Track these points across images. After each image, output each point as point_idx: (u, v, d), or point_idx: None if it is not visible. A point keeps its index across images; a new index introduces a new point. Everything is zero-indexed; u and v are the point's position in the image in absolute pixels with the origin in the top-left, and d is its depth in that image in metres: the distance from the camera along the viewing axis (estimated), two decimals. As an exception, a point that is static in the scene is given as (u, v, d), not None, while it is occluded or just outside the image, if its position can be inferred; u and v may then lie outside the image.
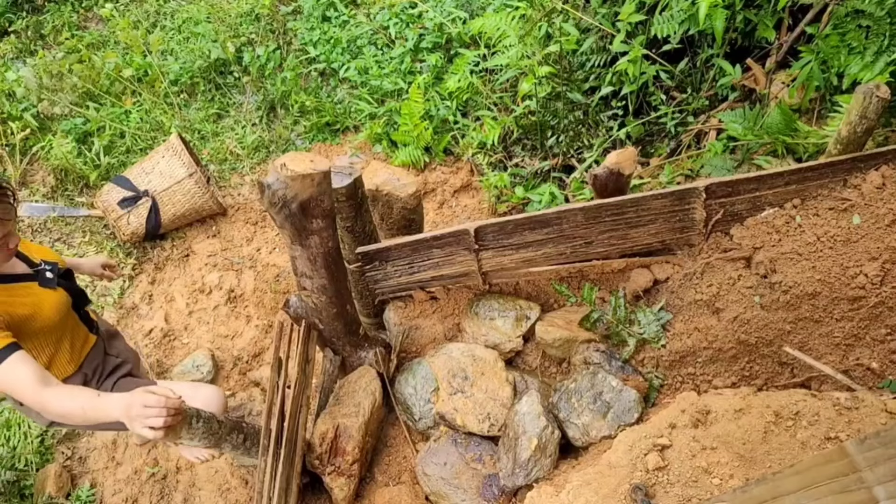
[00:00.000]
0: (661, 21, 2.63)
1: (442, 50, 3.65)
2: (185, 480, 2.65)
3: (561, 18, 2.97)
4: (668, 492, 1.59)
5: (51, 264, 1.96)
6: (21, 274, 1.87)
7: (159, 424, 1.48)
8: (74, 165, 3.58)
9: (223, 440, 1.91)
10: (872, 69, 2.18)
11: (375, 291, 2.40)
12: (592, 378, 2.13)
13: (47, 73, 3.90)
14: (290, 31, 4.08)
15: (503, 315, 2.40)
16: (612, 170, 2.07)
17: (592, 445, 2.08)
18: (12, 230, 1.75)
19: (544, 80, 2.99)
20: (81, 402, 1.61)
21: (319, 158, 1.76)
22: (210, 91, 3.99)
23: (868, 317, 1.99)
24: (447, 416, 2.26)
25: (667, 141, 2.90)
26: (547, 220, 2.13)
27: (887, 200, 1.93)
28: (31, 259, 1.94)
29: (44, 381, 1.65)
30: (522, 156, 3.19)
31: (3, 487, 2.62)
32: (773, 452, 1.63)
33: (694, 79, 2.81)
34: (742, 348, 2.12)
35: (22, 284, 1.85)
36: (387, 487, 2.31)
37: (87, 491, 2.66)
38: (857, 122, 1.89)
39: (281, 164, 1.69)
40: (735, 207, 2.11)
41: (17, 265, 1.89)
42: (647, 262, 2.26)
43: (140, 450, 2.76)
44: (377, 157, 3.55)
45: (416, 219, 2.46)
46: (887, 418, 1.64)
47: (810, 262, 1.99)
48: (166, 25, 4.32)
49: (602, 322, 2.25)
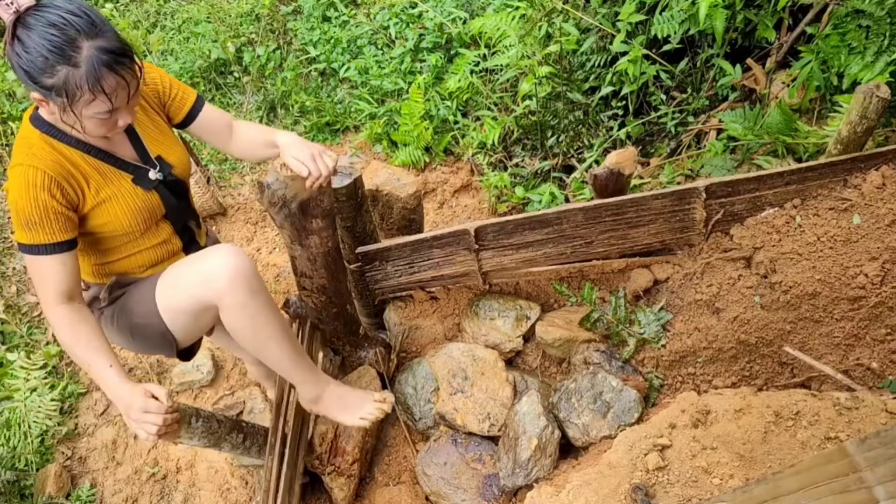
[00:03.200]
0: (661, 21, 2.63)
1: (442, 50, 3.65)
2: (185, 480, 2.65)
3: (561, 18, 2.97)
4: (668, 492, 1.59)
5: (165, 166, 1.69)
6: (120, 160, 1.62)
7: (153, 431, 1.50)
8: (74, 165, 3.58)
9: (223, 439, 1.92)
10: (872, 69, 2.18)
11: (375, 291, 2.40)
12: (592, 378, 2.13)
13: (47, 73, 3.90)
14: (290, 31, 4.08)
15: (503, 315, 2.40)
16: (612, 170, 2.07)
17: (592, 445, 2.08)
18: (124, 106, 1.48)
19: (544, 80, 2.99)
20: (81, 355, 1.51)
21: (319, 158, 1.76)
22: (210, 91, 3.99)
23: (868, 317, 1.99)
24: (447, 415, 2.26)
25: (667, 141, 2.90)
26: (547, 220, 2.13)
27: (887, 200, 1.93)
28: (147, 151, 1.68)
29: (60, 298, 1.50)
30: (522, 156, 3.19)
31: (3, 487, 2.62)
32: (773, 452, 1.63)
33: (694, 79, 2.81)
34: (742, 348, 2.12)
35: (114, 170, 1.60)
36: (387, 487, 2.31)
37: (87, 491, 2.66)
38: (857, 122, 1.89)
39: (281, 164, 1.69)
40: (735, 207, 2.11)
41: (125, 148, 1.65)
42: (648, 262, 2.26)
43: (140, 450, 2.77)
44: (377, 157, 3.55)
45: (416, 219, 2.46)
46: (887, 418, 1.64)
47: (810, 262, 1.99)
48: (166, 25, 4.32)
49: (602, 322, 2.25)
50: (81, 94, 1.38)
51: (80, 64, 1.35)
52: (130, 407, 1.49)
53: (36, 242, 1.47)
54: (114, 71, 1.39)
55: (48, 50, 1.34)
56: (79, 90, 1.37)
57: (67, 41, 1.34)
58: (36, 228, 1.46)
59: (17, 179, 1.46)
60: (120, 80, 1.41)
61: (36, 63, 1.35)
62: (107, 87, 1.39)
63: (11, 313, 3.12)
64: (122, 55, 1.40)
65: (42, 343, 3.05)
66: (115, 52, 1.39)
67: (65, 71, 1.35)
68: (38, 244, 1.47)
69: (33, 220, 1.45)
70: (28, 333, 3.08)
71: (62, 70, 1.35)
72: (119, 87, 1.42)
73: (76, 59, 1.35)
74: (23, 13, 1.37)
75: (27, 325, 3.11)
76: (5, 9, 1.39)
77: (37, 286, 1.52)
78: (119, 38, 1.42)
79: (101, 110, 1.43)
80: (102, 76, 1.37)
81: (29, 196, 1.45)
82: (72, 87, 1.37)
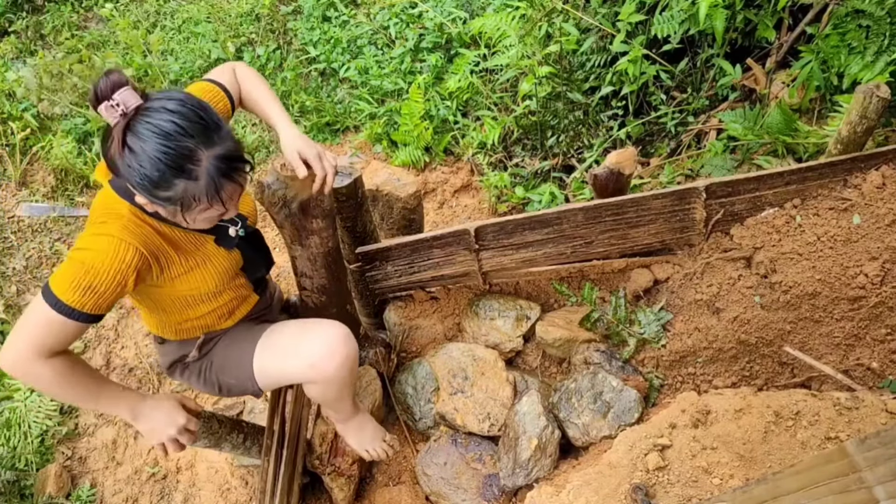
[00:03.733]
0: (661, 21, 2.63)
1: (442, 50, 3.65)
2: (185, 480, 2.65)
3: (561, 18, 2.97)
4: (668, 492, 1.59)
5: (241, 219, 1.65)
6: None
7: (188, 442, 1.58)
8: (74, 165, 3.58)
9: (223, 440, 1.92)
10: (872, 69, 2.18)
11: (375, 291, 2.40)
12: (593, 378, 2.13)
13: (47, 73, 3.90)
14: (290, 31, 4.08)
15: (503, 315, 2.40)
16: (612, 170, 2.07)
17: (593, 445, 2.08)
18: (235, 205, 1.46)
19: (544, 80, 2.99)
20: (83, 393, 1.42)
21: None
22: (210, 91, 3.99)
23: (868, 317, 1.99)
24: (447, 415, 2.26)
25: (667, 141, 2.90)
26: (547, 220, 2.13)
27: (887, 200, 1.93)
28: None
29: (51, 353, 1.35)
30: (522, 156, 3.19)
31: (3, 487, 2.62)
32: (773, 452, 1.63)
33: (694, 79, 2.81)
34: (742, 348, 2.12)
35: (198, 235, 1.55)
36: (387, 487, 2.31)
37: (87, 491, 2.66)
38: (857, 122, 1.89)
39: (281, 164, 1.69)
40: (735, 207, 2.11)
41: None
42: (648, 262, 2.26)
43: (140, 449, 2.77)
44: (377, 157, 3.55)
45: (416, 219, 2.46)
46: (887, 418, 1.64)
47: (810, 262, 1.99)
48: (166, 25, 4.32)
49: (602, 322, 2.25)
50: (198, 204, 1.33)
51: (199, 177, 1.29)
52: (170, 424, 1.54)
53: (75, 306, 1.33)
54: (232, 179, 1.35)
55: (165, 165, 1.26)
56: (196, 201, 1.32)
57: (185, 155, 1.27)
58: (89, 296, 1.33)
59: (107, 249, 1.35)
60: (237, 186, 1.38)
61: (151, 178, 1.27)
62: (225, 195, 1.35)
63: (11, 313, 3.12)
64: (239, 160, 1.35)
65: (42, 343, 3.05)
66: (233, 158, 1.33)
67: (183, 185, 1.29)
68: (76, 308, 1.33)
69: (96, 289, 1.34)
70: (28, 333, 3.07)
71: (180, 184, 1.29)
72: (235, 192, 1.39)
73: (195, 173, 1.29)
74: (131, 118, 1.26)
75: (27, 325, 3.11)
76: (111, 111, 1.25)
77: (31, 337, 1.33)
78: (233, 139, 1.35)
79: (215, 214, 1.41)
80: (221, 186, 1.33)
81: (112, 269, 1.34)
82: (189, 199, 1.31)
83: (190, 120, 1.27)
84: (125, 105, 1.25)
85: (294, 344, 1.70)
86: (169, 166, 1.26)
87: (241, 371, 1.74)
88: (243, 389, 1.77)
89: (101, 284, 1.33)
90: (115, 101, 1.25)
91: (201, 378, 1.79)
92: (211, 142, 1.30)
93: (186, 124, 1.27)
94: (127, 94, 1.25)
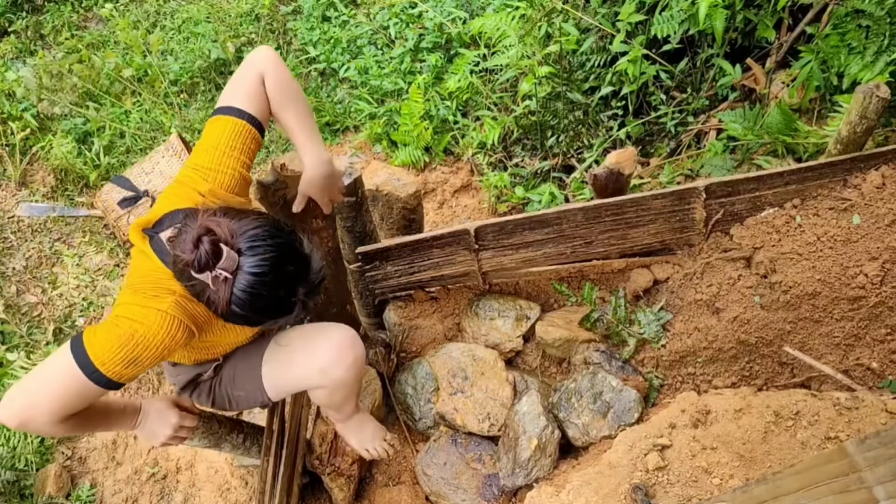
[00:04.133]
0: (661, 21, 2.62)
1: (442, 50, 3.65)
2: (185, 480, 2.65)
3: (561, 18, 2.97)
4: (668, 492, 1.59)
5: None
6: None
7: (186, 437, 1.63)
8: (74, 165, 3.58)
9: (223, 440, 1.92)
10: (872, 69, 2.18)
11: (375, 291, 2.40)
12: (592, 378, 2.13)
13: (47, 73, 3.90)
14: (290, 31, 4.08)
15: (503, 315, 2.40)
16: (612, 170, 2.07)
17: (592, 445, 2.08)
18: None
19: (544, 80, 2.99)
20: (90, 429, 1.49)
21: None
22: (210, 91, 3.99)
23: (868, 317, 1.99)
24: (447, 415, 2.26)
25: (667, 141, 2.90)
26: (547, 220, 2.13)
27: (887, 200, 1.93)
28: None
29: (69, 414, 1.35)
30: (522, 156, 3.19)
31: (3, 487, 2.62)
32: (773, 452, 1.63)
33: (694, 79, 2.81)
34: (742, 348, 2.12)
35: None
36: (386, 487, 2.31)
37: (87, 491, 2.66)
38: (857, 122, 1.89)
39: (281, 164, 1.69)
40: (735, 207, 2.11)
41: None
42: (647, 262, 2.26)
43: (140, 450, 2.76)
44: (377, 157, 3.55)
45: (416, 219, 2.46)
46: (887, 418, 1.64)
47: (810, 262, 1.99)
48: (166, 25, 4.32)
49: (602, 322, 2.25)
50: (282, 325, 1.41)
51: (292, 309, 1.37)
52: (164, 425, 1.58)
53: (113, 377, 1.30)
54: (315, 299, 1.42)
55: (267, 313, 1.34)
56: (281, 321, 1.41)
57: (286, 303, 1.34)
58: (131, 369, 1.32)
59: (160, 326, 1.33)
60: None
61: (248, 317, 1.33)
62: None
63: (11, 313, 3.12)
64: (322, 281, 1.42)
65: (42, 343, 3.05)
66: (320, 283, 1.41)
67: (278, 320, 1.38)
68: (112, 379, 1.30)
69: (141, 363, 1.32)
70: (28, 333, 3.07)
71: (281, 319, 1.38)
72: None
73: (291, 309, 1.37)
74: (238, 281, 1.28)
75: (27, 325, 3.11)
76: (216, 281, 1.27)
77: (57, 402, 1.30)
78: (318, 258, 1.40)
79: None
80: (306, 307, 1.40)
81: (161, 346, 1.33)
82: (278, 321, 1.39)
83: (287, 273, 1.32)
84: (229, 271, 1.26)
85: (302, 351, 1.70)
86: (270, 314, 1.34)
87: (251, 383, 1.73)
88: (253, 401, 1.77)
89: (146, 359, 1.33)
90: (220, 273, 1.26)
91: (211, 395, 1.77)
92: (304, 281, 1.36)
93: (291, 269, 1.32)
94: (228, 262, 1.26)
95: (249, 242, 1.28)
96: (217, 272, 1.25)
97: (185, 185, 1.47)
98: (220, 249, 1.25)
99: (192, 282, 1.29)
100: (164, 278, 1.38)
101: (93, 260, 3.38)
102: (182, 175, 1.49)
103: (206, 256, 1.24)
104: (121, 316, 1.34)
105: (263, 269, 1.27)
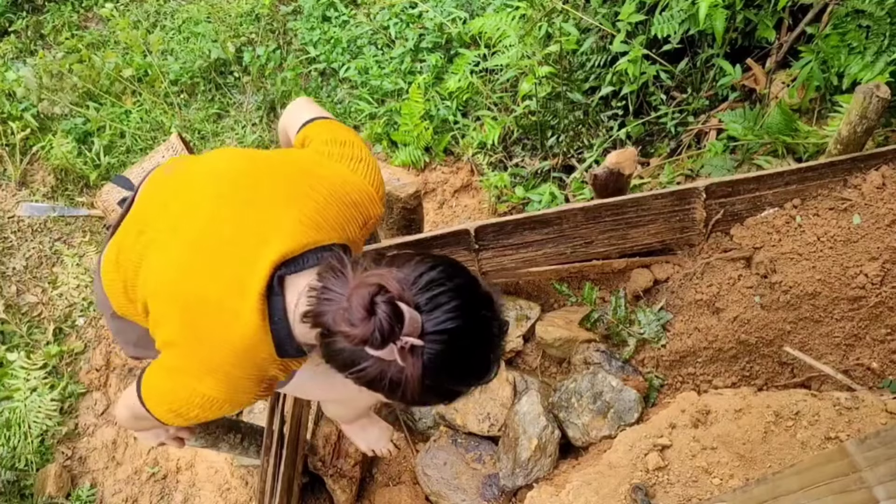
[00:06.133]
0: (661, 21, 2.62)
1: (442, 50, 3.65)
2: (185, 480, 2.65)
3: (561, 18, 2.96)
4: (668, 492, 1.59)
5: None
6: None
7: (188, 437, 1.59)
8: (74, 165, 3.58)
9: (220, 440, 1.92)
10: (872, 69, 2.18)
11: (375, 291, 2.40)
12: (592, 378, 2.13)
13: (47, 73, 3.90)
14: (290, 31, 4.08)
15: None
16: (612, 170, 2.07)
17: (592, 445, 2.08)
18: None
19: (544, 80, 2.99)
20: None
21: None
22: (210, 91, 3.99)
23: (868, 317, 1.99)
24: (447, 415, 2.26)
25: (667, 141, 2.90)
26: (547, 219, 2.13)
27: (887, 200, 1.93)
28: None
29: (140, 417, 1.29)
30: (522, 156, 3.19)
31: (3, 487, 2.62)
32: (773, 452, 1.63)
33: (694, 79, 2.81)
34: (742, 348, 2.12)
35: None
36: (387, 487, 2.31)
37: (87, 491, 2.66)
38: (857, 122, 1.89)
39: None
40: (735, 207, 2.11)
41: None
42: (648, 262, 2.26)
43: (140, 450, 2.77)
44: (377, 157, 3.55)
45: (416, 219, 2.46)
46: (887, 418, 1.64)
47: (810, 262, 1.99)
48: (166, 25, 4.32)
49: (602, 322, 2.25)
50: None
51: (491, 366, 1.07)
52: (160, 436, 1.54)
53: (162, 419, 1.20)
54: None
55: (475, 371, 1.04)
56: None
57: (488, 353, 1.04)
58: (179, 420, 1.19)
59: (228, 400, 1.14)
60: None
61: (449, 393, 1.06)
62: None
63: (11, 313, 3.12)
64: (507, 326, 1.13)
65: (42, 343, 3.05)
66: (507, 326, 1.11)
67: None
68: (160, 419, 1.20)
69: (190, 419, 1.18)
70: (28, 333, 3.07)
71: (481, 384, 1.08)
72: None
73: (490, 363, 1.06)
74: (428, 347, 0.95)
75: (27, 325, 3.11)
76: (402, 353, 0.94)
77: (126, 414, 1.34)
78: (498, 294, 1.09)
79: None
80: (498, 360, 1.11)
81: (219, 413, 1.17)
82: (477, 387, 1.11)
83: (483, 319, 1.02)
84: (414, 341, 0.94)
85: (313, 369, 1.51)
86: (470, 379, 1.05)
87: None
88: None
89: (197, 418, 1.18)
90: (406, 342, 0.93)
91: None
92: (498, 321, 1.06)
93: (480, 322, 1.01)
94: (412, 325, 0.94)
95: (428, 292, 0.96)
96: (403, 341, 0.93)
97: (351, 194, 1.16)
98: (400, 311, 0.93)
99: (362, 367, 0.96)
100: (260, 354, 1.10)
101: (93, 260, 3.38)
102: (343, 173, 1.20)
103: (389, 322, 0.91)
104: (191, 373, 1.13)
105: (457, 322, 0.96)
